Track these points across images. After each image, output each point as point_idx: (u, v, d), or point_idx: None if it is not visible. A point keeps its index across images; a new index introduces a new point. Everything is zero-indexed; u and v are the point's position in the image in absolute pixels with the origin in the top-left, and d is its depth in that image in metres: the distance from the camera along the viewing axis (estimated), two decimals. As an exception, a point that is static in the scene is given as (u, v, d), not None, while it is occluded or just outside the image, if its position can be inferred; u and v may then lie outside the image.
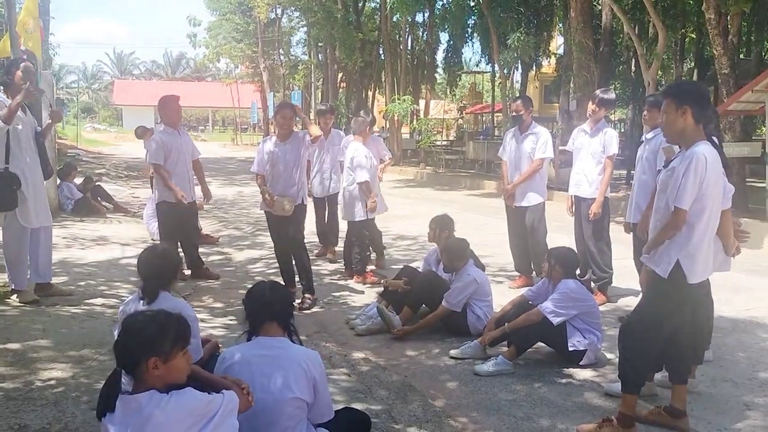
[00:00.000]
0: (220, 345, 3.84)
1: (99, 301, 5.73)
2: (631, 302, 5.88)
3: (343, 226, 7.40)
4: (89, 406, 3.51)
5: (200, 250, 7.90)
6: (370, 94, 33.73)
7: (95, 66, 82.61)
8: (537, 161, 6.48)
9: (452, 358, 4.63)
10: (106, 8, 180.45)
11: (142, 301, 3.32)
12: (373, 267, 7.29)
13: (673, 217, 3.31)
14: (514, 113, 6.67)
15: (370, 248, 7.38)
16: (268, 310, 2.91)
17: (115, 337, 2.48)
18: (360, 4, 28.46)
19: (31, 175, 5.53)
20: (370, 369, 4.40)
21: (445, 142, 28.88)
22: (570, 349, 4.44)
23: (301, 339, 3.06)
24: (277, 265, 6.42)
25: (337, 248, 7.93)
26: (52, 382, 3.83)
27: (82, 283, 6.32)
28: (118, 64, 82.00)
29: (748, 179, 12.48)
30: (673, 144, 3.86)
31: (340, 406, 3.74)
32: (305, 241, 6.23)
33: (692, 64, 26.36)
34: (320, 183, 7.86)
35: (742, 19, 14.43)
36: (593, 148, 6.16)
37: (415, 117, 24.66)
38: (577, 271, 5.91)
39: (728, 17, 11.89)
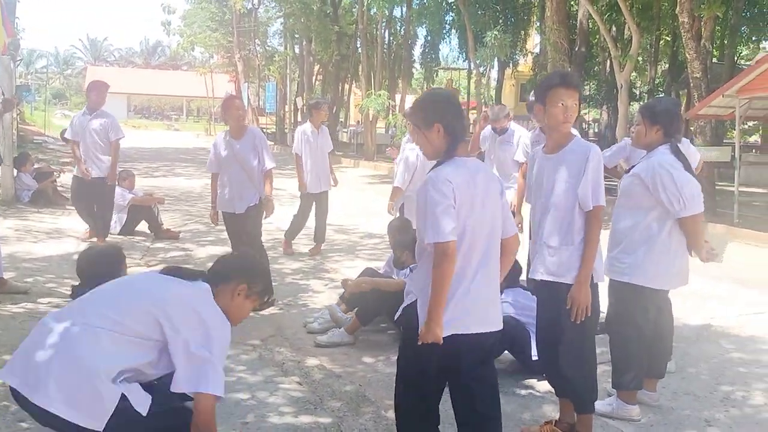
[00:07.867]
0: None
1: (45, 299, 5.46)
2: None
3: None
4: (16, 418, 3.28)
5: (160, 245, 7.80)
6: (346, 87, 33.43)
7: (68, 51, 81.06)
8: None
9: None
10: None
11: None
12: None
13: (598, 216, 3.23)
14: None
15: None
16: None
17: None
18: (337, -3, 28.16)
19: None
20: (324, 377, 4.22)
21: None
22: (533, 358, 4.30)
23: None
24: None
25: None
26: (-21, 390, 3.58)
27: (30, 279, 6.03)
28: (91, 50, 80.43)
29: (717, 183, 12.54)
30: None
31: (288, 419, 3.59)
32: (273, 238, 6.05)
33: (667, 66, 26.53)
34: (317, 179, 7.84)
35: (716, 23, 14.46)
36: None
37: (390, 112, 24.46)
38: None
39: (702, 21, 11.88)
